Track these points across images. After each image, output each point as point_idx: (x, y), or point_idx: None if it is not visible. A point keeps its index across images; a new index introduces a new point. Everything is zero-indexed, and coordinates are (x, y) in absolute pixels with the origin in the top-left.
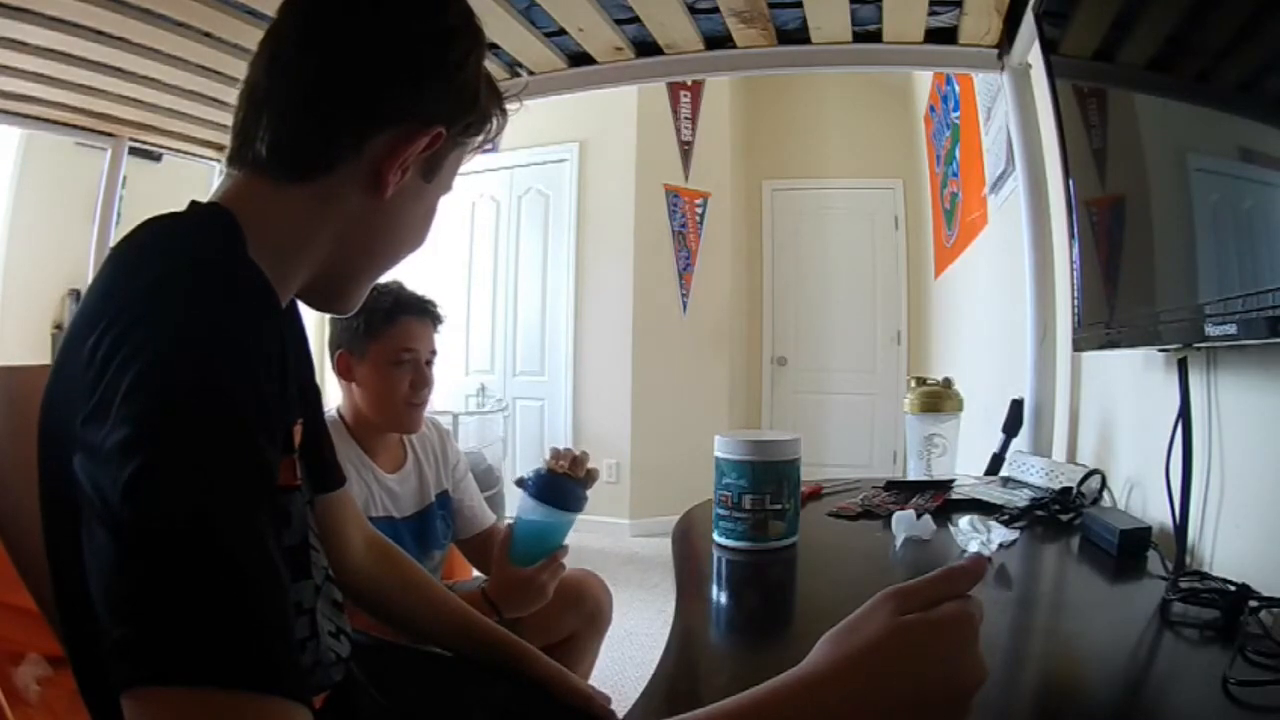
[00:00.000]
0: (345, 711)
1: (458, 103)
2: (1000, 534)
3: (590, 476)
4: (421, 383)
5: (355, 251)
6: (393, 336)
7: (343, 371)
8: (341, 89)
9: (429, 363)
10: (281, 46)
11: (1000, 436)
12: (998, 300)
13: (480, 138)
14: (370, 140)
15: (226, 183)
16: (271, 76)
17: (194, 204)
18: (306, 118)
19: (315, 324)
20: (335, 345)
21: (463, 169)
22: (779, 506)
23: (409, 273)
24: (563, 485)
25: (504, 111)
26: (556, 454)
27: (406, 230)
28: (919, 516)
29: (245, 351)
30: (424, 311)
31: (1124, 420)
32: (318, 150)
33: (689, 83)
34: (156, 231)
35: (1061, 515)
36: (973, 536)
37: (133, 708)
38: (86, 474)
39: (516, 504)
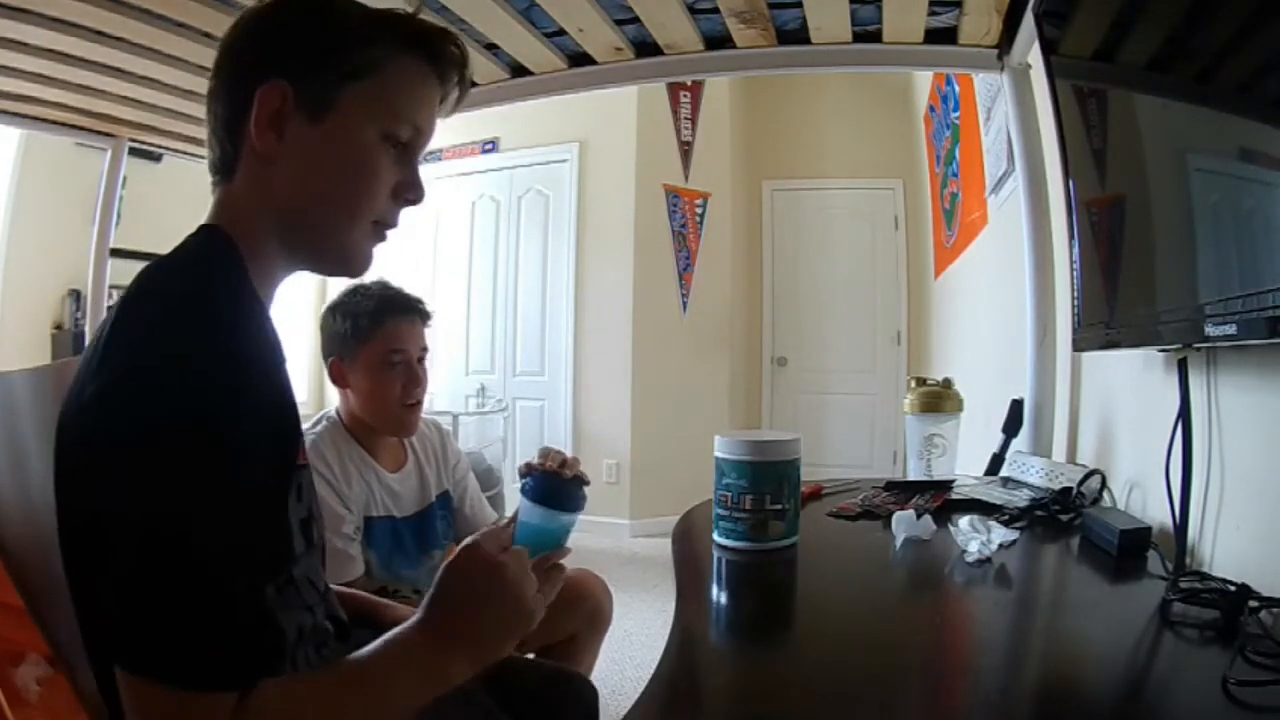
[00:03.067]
0: None
1: (295, 56)
2: (1000, 534)
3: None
4: (414, 383)
5: (299, 213)
6: (380, 340)
7: (336, 379)
8: (216, 98)
9: (420, 360)
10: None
11: (1000, 436)
12: (998, 300)
13: (382, 64)
14: (243, 123)
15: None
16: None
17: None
18: (213, 129)
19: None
20: (327, 353)
21: (464, 170)
22: (779, 506)
23: (410, 272)
24: (561, 486)
25: (394, 27)
26: (546, 453)
27: (332, 174)
28: (919, 516)
29: (229, 347)
30: (409, 310)
31: (1124, 420)
32: (222, 148)
33: (689, 83)
34: (156, 264)
35: (1061, 515)
36: (973, 536)
37: (123, 686)
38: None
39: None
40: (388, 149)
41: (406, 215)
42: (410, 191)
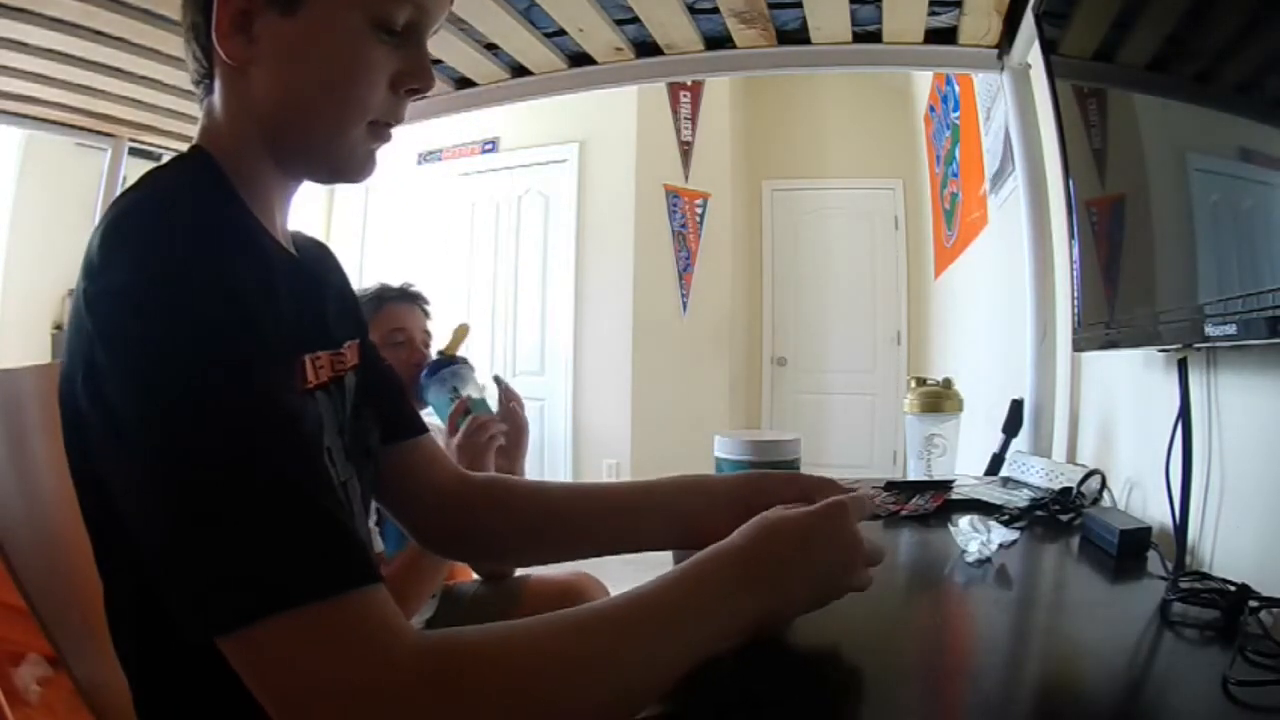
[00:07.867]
0: None
1: None
2: (1000, 534)
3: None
4: (420, 360)
5: (282, 122)
6: (382, 321)
7: None
8: (186, 2)
9: (425, 344)
10: None
11: (1000, 436)
12: (998, 300)
13: None
14: (210, 29)
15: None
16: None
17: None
18: (186, 40)
19: None
20: None
21: (464, 170)
22: None
23: (410, 273)
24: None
25: None
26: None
27: (314, 74)
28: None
29: (216, 277)
30: (407, 297)
31: (1124, 420)
32: (196, 60)
33: (689, 83)
34: (133, 189)
35: (1061, 515)
36: (973, 536)
37: (240, 650)
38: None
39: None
40: (379, 36)
41: (407, 217)
42: (413, 80)
